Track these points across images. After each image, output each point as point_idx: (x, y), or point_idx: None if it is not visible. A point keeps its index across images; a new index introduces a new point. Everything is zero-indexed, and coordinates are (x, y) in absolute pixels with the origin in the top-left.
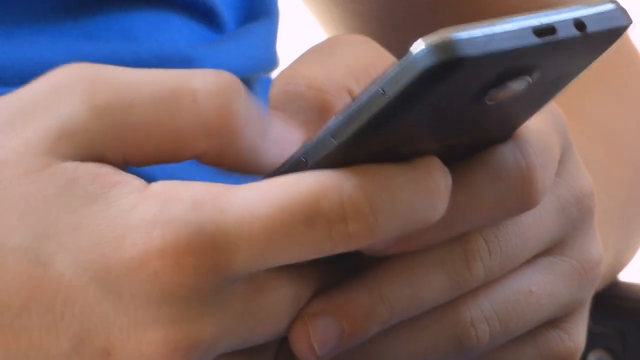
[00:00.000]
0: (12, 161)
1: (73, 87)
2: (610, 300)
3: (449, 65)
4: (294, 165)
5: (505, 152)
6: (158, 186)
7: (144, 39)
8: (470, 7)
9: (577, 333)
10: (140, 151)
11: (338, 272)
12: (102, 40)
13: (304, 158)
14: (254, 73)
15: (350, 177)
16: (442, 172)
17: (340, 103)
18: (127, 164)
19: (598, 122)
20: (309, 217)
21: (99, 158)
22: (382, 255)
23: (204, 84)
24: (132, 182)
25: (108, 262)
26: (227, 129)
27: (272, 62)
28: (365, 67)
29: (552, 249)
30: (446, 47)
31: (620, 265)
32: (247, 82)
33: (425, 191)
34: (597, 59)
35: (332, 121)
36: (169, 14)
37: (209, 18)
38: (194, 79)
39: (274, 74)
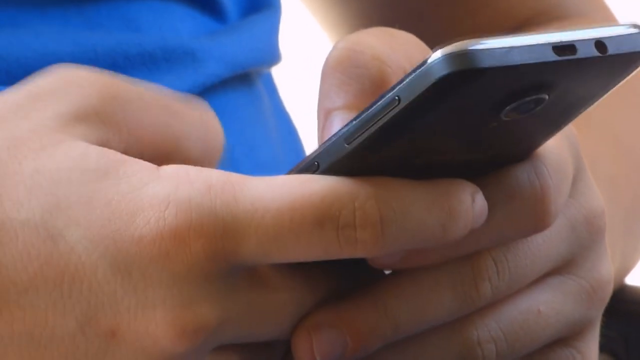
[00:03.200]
0: (28, 138)
1: (81, 78)
2: (614, 304)
3: (465, 75)
4: (306, 167)
5: (520, 172)
6: (170, 168)
7: (147, 28)
8: (470, 5)
9: (589, 351)
10: (139, 145)
11: (345, 282)
12: (105, 30)
13: (316, 162)
14: (256, 66)
15: (365, 185)
16: (461, 197)
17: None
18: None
19: (604, 126)
20: (320, 218)
21: (105, 145)
22: (389, 269)
23: (200, 105)
24: (141, 162)
25: (119, 238)
26: (218, 142)
27: (275, 56)
28: (417, 58)
29: (561, 268)
30: (463, 57)
31: (626, 270)
32: (249, 76)
33: (439, 212)
34: (618, 84)
35: (346, 126)
36: (172, 4)
37: (212, 8)
38: (193, 101)
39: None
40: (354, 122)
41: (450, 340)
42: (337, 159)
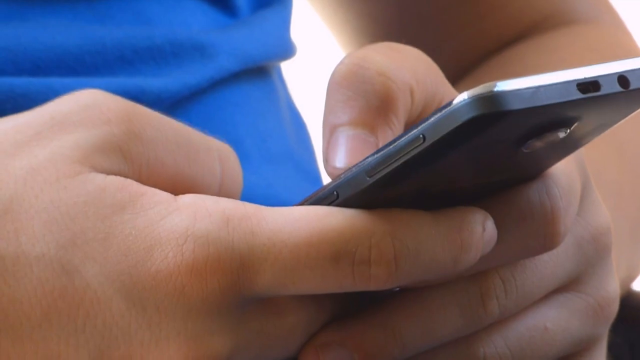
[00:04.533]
0: (44, 168)
1: (108, 110)
2: (619, 310)
3: (491, 118)
4: (325, 197)
5: (531, 193)
6: (187, 198)
7: (157, 22)
8: (477, 9)
9: None
10: (156, 185)
11: (351, 300)
12: (115, 23)
13: (335, 192)
14: (268, 60)
15: (381, 222)
16: (473, 228)
17: (403, 97)
18: None
19: (609, 135)
20: (336, 254)
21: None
22: (397, 287)
23: (222, 148)
24: (159, 192)
25: (135, 273)
26: (235, 183)
27: (287, 50)
28: (423, 74)
29: (568, 285)
30: (489, 100)
31: (631, 279)
32: (264, 69)
33: (451, 246)
34: (635, 112)
35: (368, 159)
36: None
37: (222, 3)
38: (214, 142)
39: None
40: (377, 156)
41: (457, 356)
42: (357, 191)
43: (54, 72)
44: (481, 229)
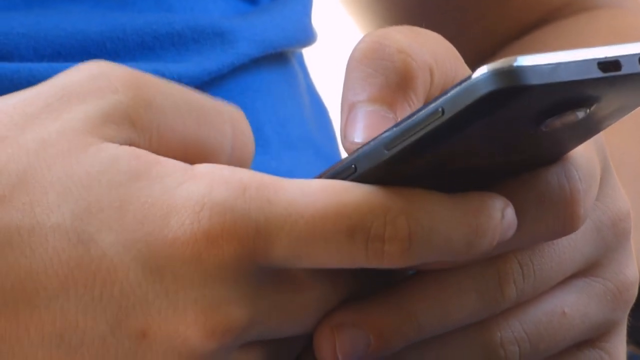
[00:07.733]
0: (56, 141)
1: (116, 79)
2: None
3: (510, 92)
4: (343, 170)
5: (550, 176)
6: (204, 167)
7: (177, 8)
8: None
9: (617, 352)
10: (167, 151)
11: (368, 281)
12: (136, 10)
13: (354, 165)
14: (289, 46)
15: (398, 199)
16: (491, 213)
17: (423, 76)
18: None
19: (632, 121)
20: (351, 228)
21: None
22: (413, 270)
23: (232, 111)
24: (174, 162)
25: (152, 241)
26: (247, 148)
27: (308, 36)
28: (443, 56)
29: (586, 270)
30: (509, 74)
31: None
32: (284, 55)
33: (466, 229)
34: None
35: (386, 132)
36: None
37: None
38: (224, 106)
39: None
40: (395, 129)
41: (473, 341)
42: (375, 165)
43: (74, 58)
44: (500, 215)
